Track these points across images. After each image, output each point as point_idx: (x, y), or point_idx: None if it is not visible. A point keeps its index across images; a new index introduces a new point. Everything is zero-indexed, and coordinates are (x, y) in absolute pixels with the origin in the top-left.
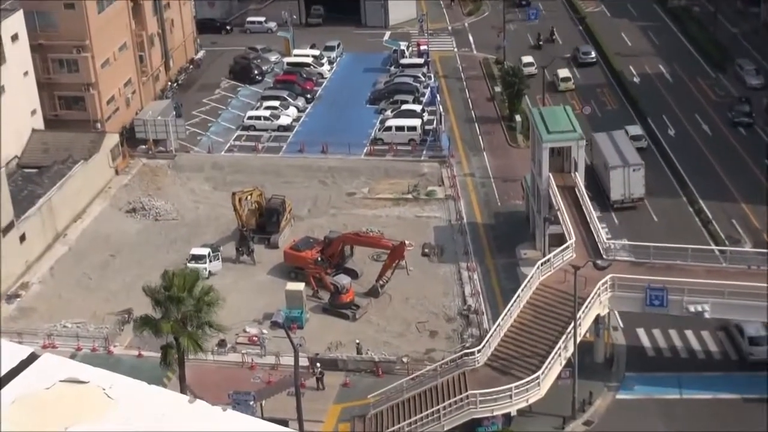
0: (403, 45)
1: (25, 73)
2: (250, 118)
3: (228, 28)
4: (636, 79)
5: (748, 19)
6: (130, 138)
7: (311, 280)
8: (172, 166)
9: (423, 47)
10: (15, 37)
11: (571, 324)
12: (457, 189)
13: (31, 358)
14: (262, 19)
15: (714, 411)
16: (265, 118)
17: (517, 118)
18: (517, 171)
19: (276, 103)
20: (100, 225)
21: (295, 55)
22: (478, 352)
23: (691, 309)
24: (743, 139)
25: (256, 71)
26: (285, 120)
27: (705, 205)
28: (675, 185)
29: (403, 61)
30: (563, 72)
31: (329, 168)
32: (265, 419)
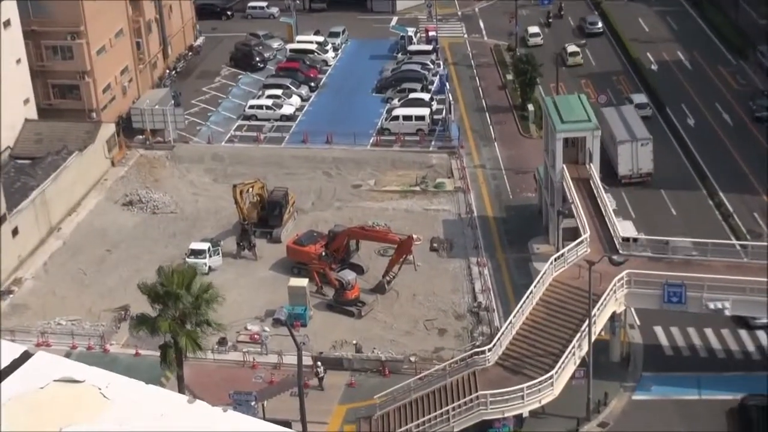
0: (410, 31)
1: (18, 60)
2: (252, 107)
3: (228, 13)
4: (654, 67)
5: None
6: (127, 128)
7: (315, 275)
8: (171, 157)
9: (431, 33)
10: (7, 23)
11: (586, 322)
12: (467, 181)
13: (25, 357)
14: (264, 4)
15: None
16: (267, 107)
17: (530, 107)
18: (529, 162)
19: (278, 92)
20: (95, 218)
21: (298, 42)
22: (489, 350)
23: (711, 306)
24: (766, 129)
25: (257, 58)
26: (288, 109)
27: (725, 198)
28: (694, 177)
29: (411, 47)
30: (572, 47)
31: (334, 159)
32: (267, 420)
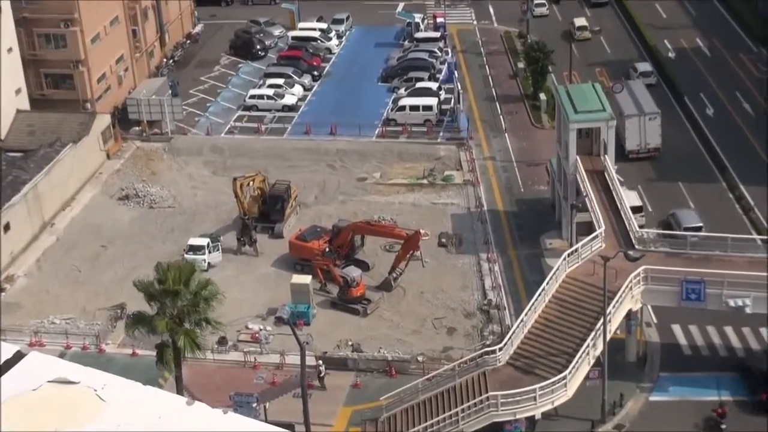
0: (417, 17)
1: (9, 49)
2: (252, 97)
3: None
4: (671, 54)
5: None
6: (123, 119)
7: (319, 272)
8: (168, 149)
9: (439, 20)
10: None
11: (601, 320)
12: (476, 173)
13: (17, 357)
14: None
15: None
16: (269, 97)
17: (542, 96)
18: (541, 154)
19: (280, 81)
20: (90, 213)
21: (300, 29)
22: (500, 350)
23: (731, 303)
24: None
25: (258, 46)
26: (290, 99)
27: (746, 191)
28: (713, 169)
29: (418, 34)
30: (579, 21)
31: (338, 151)
32: (269, 422)
